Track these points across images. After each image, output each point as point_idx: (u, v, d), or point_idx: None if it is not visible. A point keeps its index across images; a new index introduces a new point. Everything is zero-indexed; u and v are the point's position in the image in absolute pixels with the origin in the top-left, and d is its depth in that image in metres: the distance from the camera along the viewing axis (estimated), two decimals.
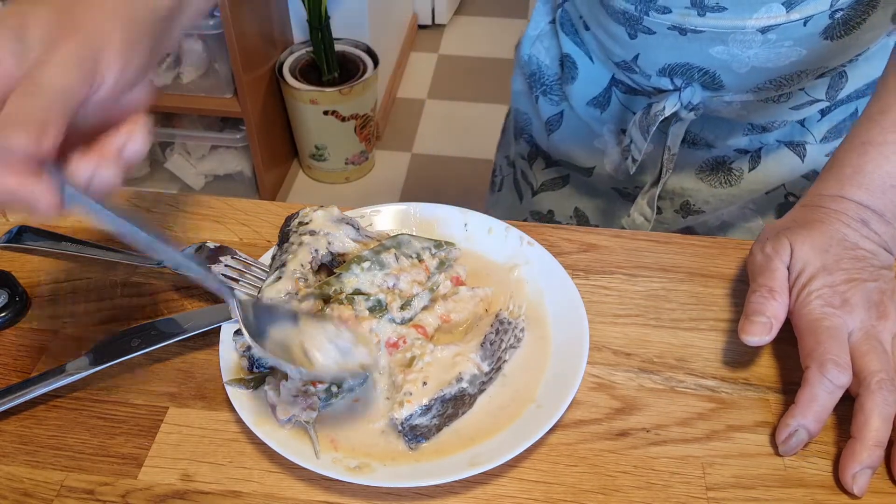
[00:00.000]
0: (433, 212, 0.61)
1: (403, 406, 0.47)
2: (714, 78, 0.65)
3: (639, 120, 0.71)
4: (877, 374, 0.47)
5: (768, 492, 0.46)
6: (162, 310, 0.57)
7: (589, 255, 0.61)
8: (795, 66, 0.62)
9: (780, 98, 0.66)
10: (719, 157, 0.75)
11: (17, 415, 0.50)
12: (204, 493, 0.46)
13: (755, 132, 0.71)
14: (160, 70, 1.89)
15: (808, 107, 0.68)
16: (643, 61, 0.68)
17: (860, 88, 0.68)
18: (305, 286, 0.53)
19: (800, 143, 0.72)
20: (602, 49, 0.73)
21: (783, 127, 0.71)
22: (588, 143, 0.81)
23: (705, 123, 0.72)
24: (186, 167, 2.12)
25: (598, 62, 0.76)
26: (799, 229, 0.54)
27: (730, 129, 0.72)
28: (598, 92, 0.77)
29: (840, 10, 0.59)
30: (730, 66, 0.63)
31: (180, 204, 0.66)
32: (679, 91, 0.68)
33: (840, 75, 0.65)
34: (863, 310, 0.49)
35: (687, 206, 0.79)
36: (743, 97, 0.67)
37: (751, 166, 0.74)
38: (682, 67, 0.66)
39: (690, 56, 0.64)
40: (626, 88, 0.75)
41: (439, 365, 0.49)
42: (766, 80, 0.64)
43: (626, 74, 0.72)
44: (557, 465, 0.48)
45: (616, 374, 0.53)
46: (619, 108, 0.77)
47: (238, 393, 0.49)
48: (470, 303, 0.54)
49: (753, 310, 0.51)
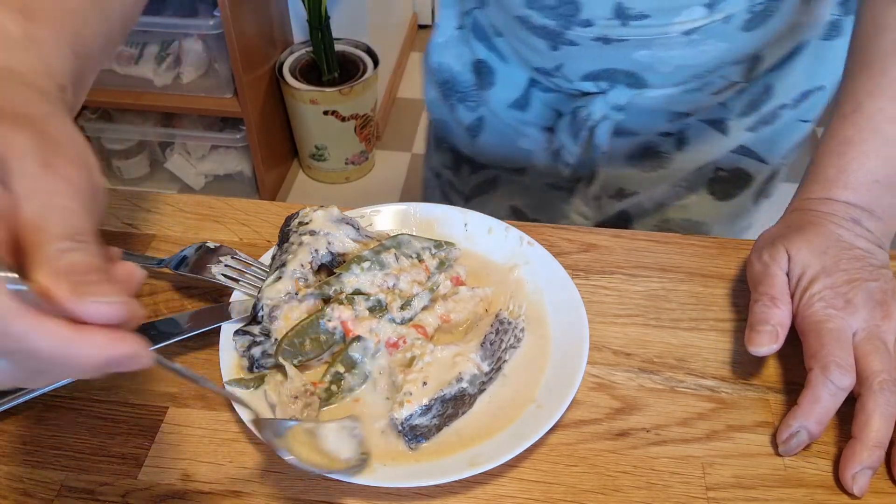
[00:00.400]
0: (433, 212, 0.62)
1: (403, 406, 0.47)
2: (638, 79, 0.65)
3: (567, 126, 0.71)
4: (879, 375, 0.46)
5: (768, 492, 0.46)
6: (162, 310, 0.57)
7: (589, 255, 0.61)
8: (717, 59, 0.63)
9: (703, 87, 0.67)
10: (646, 143, 0.75)
11: (17, 415, 0.50)
12: (204, 493, 0.46)
13: (679, 118, 0.72)
14: (160, 70, 1.89)
15: (726, 91, 0.69)
16: (566, 70, 0.68)
17: (773, 66, 0.69)
18: (305, 286, 0.53)
19: (720, 119, 0.73)
20: (519, 55, 0.72)
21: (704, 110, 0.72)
22: (514, 144, 0.81)
23: (629, 115, 0.72)
24: (186, 167, 2.12)
25: (513, 64, 0.75)
26: (793, 234, 0.54)
27: (654, 120, 0.72)
28: (518, 94, 0.77)
29: (759, 4, 0.60)
30: (654, 67, 0.64)
31: (180, 204, 0.66)
32: (604, 94, 0.68)
33: (755, 58, 0.66)
34: (866, 310, 0.49)
35: (621, 192, 0.80)
36: (667, 92, 0.67)
37: (678, 147, 0.75)
38: (606, 72, 0.66)
39: (614, 62, 0.64)
40: (547, 89, 0.75)
41: (439, 365, 0.49)
42: (690, 76, 0.65)
43: (546, 78, 0.72)
44: (557, 465, 0.48)
45: (616, 374, 0.53)
46: (542, 106, 0.77)
47: (238, 393, 0.49)
48: (470, 303, 0.54)
49: (758, 319, 0.51)
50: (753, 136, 0.75)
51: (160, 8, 1.83)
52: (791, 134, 0.78)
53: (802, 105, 0.75)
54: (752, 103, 0.72)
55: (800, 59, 0.70)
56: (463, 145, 0.86)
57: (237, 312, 0.53)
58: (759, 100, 0.71)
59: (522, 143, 0.80)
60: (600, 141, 0.71)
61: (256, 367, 0.50)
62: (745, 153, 0.77)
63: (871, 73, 0.56)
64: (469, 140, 0.84)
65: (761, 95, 0.71)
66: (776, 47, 0.66)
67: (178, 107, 1.93)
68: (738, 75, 0.67)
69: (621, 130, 0.74)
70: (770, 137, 0.77)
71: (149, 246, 0.62)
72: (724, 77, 0.66)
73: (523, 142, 0.80)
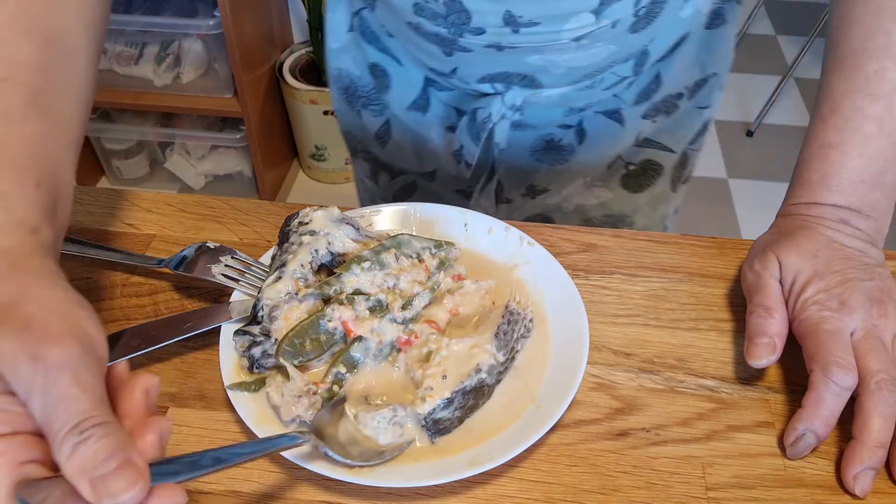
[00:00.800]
0: (433, 212, 0.62)
1: (426, 401, 0.47)
2: (533, 80, 0.67)
3: (466, 127, 0.72)
4: (877, 375, 0.46)
5: (768, 492, 0.46)
6: (162, 310, 0.57)
7: (589, 255, 0.61)
8: (607, 60, 0.64)
9: (595, 84, 0.68)
10: (546, 136, 0.76)
11: None
12: (204, 493, 0.46)
13: (574, 112, 0.73)
14: (160, 70, 1.89)
15: (618, 84, 0.70)
16: (462, 73, 0.68)
17: (659, 58, 0.70)
18: (305, 286, 0.53)
19: (615, 110, 0.74)
20: (413, 56, 0.72)
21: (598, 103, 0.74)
22: (422, 147, 0.81)
23: (526, 111, 0.73)
24: (186, 167, 2.12)
25: (408, 66, 0.75)
26: (783, 241, 0.54)
27: (550, 115, 0.73)
28: (416, 95, 0.76)
29: (643, 7, 0.61)
30: (547, 69, 0.65)
31: (180, 204, 0.66)
32: (501, 95, 0.69)
33: (643, 53, 0.67)
34: (862, 309, 0.49)
35: (532, 188, 0.80)
36: (561, 90, 0.68)
37: (578, 140, 0.76)
38: (502, 75, 0.67)
39: (508, 66, 0.65)
40: (444, 88, 0.75)
41: (456, 358, 0.49)
42: (582, 76, 0.66)
43: (443, 79, 0.72)
44: (557, 465, 0.48)
45: (616, 374, 0.53)
46: (442, 106, 0.76)
47: (239, 394, 0.49)
48: (476, 296, 0.55)
49: (755, 332, 0.51)
50: (654, 127, 0.77)
51: (160, 8, 1.83)
52: (691, 121, 0.80)
53: (699, 94, 0.76)
54: (644, 93, 0.73)
55: (685, 49, 0.71)
56: (378, 153, 0.85)
57: (237, 312, 0.53)
58: (649, 89, 0.73)
59: (429, 146, 0.80)
60: (500, 139, 0.72)
61: (256, 367, 0.50)
62: (649, 145, 0.79)
63: (843, 72, 0.56)
64: (380, 147, 0.84)
65: (651, 84, 0.72)
66: (659, 41, 0.68)
67: (178, 107, 1.93)
68: (628, 71, 0.68)
69: (520, 124, 0.74)
70: (671, 128, 0.78)
71: (149, 246, 0.62)
72: (615, 73, 0.68)
73: (429, 144, 0.80)
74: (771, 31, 2.86)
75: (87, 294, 0.58)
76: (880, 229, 0.55)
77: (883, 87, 0.54)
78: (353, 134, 0.86)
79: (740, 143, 2.36)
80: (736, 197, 2.16)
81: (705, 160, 2.28)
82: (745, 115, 2.45)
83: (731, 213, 2.12)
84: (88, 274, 0.60)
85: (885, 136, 0.54)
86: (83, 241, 0.60)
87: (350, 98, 0.82)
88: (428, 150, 0.81)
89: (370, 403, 0.49)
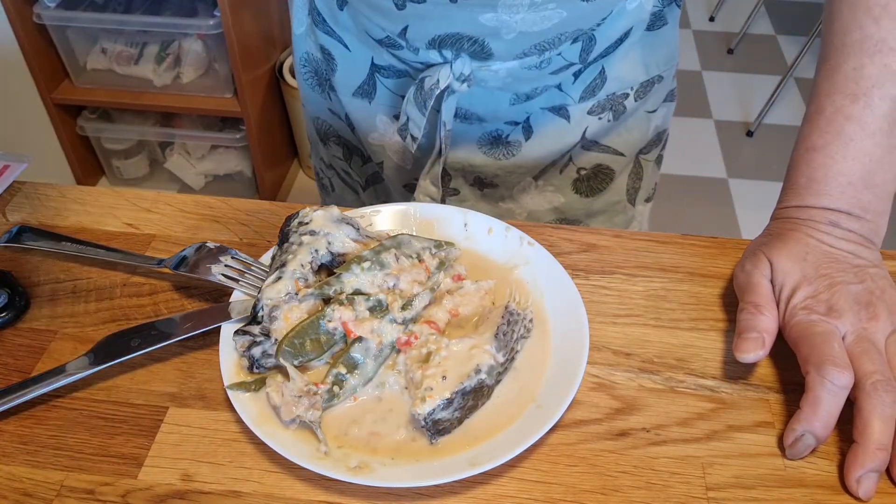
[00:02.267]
0: (433, 212, 0.62)
1: (425, 401, 0.47)
2: (483, 46, 0.65)
3: (413, 96, 0.71)
4: (871, 376, 0.46)
5: (768, 492, 0.46)
6: (162, 310, 0.57)
7: (589, 255, 0.61)
8: (557, 28, 0.64)
9: (542, 65, 0.68)
10: (494, 132, 0.76)
11: (17, 415, 0.50)
12: (204, 493, 0.46)
13: (520, 101, 0.73)
14: (160, 70, 1.89)
15: (564, 70, 0.70)
16: (412, 33, 0.66)
17: (604, 50, 0.70)
18: (305, 286, 0.53)
19: (561, 106, 0.74)
20: (361, 29, 0.71)
21: (544, 93, 0.73)
22: (365, 138, 0.81)
23: (473, 98, 0.72)
24: (186, 167, 2.12)
25: (355, 49, 0.75)
26: (774, 242, 0.54)
27: (497, 102, 0.73)
28: (362, 80, 0.76)
29: None
30: (498, 32, 0.63)
31: (180, 204, 0.66)
32: (450, 64, 0.68)
33: (590, 38, 0.67)
34: (851, 313, 0.49)
35: (479, 180, 0.80)
36: (509, 65, 0.67)
37: (525, 136, 0.76)
38: (452, 38, 0.65)
39: (460, 25, 0.64)
40: (390, 73, 0.75)
41: (456, 358, 0.49)
42: (531, 45, 0.65)
43: (390, 52, 0.71)
44: (557, 465, 0.48)
45: (616, 374, 0.53)
46: (388, 93, 0.76)
47: (239, 394, 0.49)
48: (476, 296, 0.55)
49: (744, 327, 0.51)
50: (600, 126, 0.77)
51: (160, 8, 1.83)
52: (640, 125, 0.80)
53: (645, 96, 0.77)
54: (589, 89, 0.73)
55: (627, 46, 0.72)
56: (349, 137, 0.86)
57: (237, 312, 0.53)
58: (594, 85, 0.73)
59: (372, 138, 0.80)
60: (447, 117, 0.72)
61: (256, 367, 0.50)
62: (600, 150, 0.79)
63: (826, 71, 0.56)
64: (350, 132, 0.84)
65: (597, 79, 0.73)
66: (606, 30, 0.68)
67: (178, 107, 1.93)
68: (574, 56, 0.68)
69: (468, 115, 0.74)
70: (620, 130, 0.79)
71: (149, 246, 0.62)
72: (563, 57, 0.68)
73: (373, 136, 0.80)
74: (771, 30, 2.87)
75: (86, 294, 0.58)
76: (875, 230, 0.55)
77: (861, 86, 0.54)
78: (322, 119, 0.86)
79: (740, 143, 2.36)
80: (736, 197, 2.16)
81: (705, 160, 2.28)
82: (745, 115, 2.45)
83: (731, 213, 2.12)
84: (88, 274, 0.60)
85: (868, 136, 0.54)
86: (83, 241, 0.60)
87: (320, 82, 0.82)
88: (374, 141, 0.81)
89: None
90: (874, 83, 0.54)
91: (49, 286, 0.59)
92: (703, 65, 2.67)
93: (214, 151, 2.12)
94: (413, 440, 0.48)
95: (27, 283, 0.59)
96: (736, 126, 2.42)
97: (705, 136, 2.38)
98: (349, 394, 0.50)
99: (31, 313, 0.57)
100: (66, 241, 0.60)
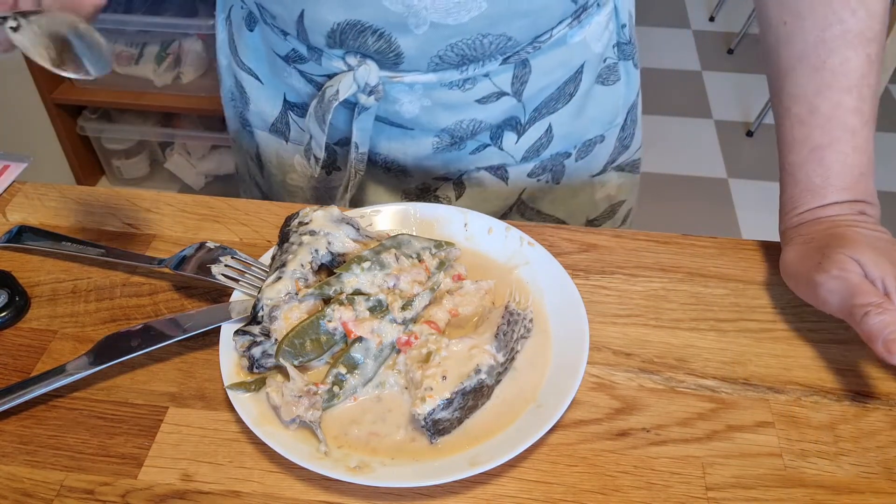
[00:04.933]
0: (433, 212, 0.62)
1: (426, 401, 0.47)
2: (390, 44, 0.59)
3: (314, 110, 0.66)
4: None
5: (768, 492, 0.46)
6: (162, 310, 0.57)
7: (589, 255, 0.61)
8: (477, 24, 0.58)
9: (465, 84, 0.63)
10: (421, 185, 0.72)
11: (17, 415, 0.50)
12: (204, 493, 0.46)
13: (444, 142, 0.67)
14: (160, 70, 1.89)
15: (494, 101, 0.65)
16: (309, 21, 0.60)
17: (548, 97, 0.66)
18: (305, 286, 0.53)
19: (500, 166, 0.70)
20: (270, 50, 0.68)
21: (480, 146, 0.68)
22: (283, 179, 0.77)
23: (392, 137, 0.68)
24: (186, 167, 2.12)
25: (267, 81, 0.71)
26: (835, 243, 0.53)
27: (418, 142, 0.68)
28: (275, 116, 0.73)
29: None
30: (406, 22, 0.57)
31: (180, 204, 0.66)
32: (353, 71, 0.62)
33: (524, 63, 0.63)
34: None
35: None
36: (425, 78, 0.62)
37: (457, 193, 0.72)
38: (354, 30, 0.59)
39: (361, 11, 0.58)
40: (303, 111, 0.70)
41: (456, 358, 0.49)
42: (447, 46, 0.59)
43: (297, 69, 0.67)
44: (557, 465, 0.48)
45: (616, 374, 0.53)
46: (303, 134, 0.72)
47: (239, 394, 0.49)
48: (476, 296, 0.55)
49: (879, 328, 0.47)
50: (538, 189, 0.73)
51: (160, 8, 1.83)
52: (583, 190, 0.76)
53: (588, 157, 0.73)
54: (534, 148, 0.70)
55: (577, 97, 0.68)
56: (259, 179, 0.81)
57: (237, 312, 0.53)
58: (540, 144, 0.70)
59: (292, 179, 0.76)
60: (358, 139, 0.66)
61: (256, 367, 0.50)
62: (542, 218, 0.75)
63: (807, 70, 0.56)
64: (259, 172, 0.80)
65: (542, 138, 0.69)
66: (543, 60, 0.64)
67: (178, 107, 1.93)
68: (505, 83, 0.63)
69: (390, 166, 0.70)
70: (565, 196, 0.75)
71: (149, 246, 0.62)
72: (490, 80, 0.63)
73: (292, 176, 0.76)
74: None
75: (86, 294, 0.58)
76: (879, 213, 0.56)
77: (851, 79, 0.55)
78: (244, 158, 0.82)
79: (740, 143, 2.36)
80: (736, 197, 2.16)
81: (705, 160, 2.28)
82: (745, 115, 2.45)
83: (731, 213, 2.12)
84: (88, 274, 0.60)
85: (866, 125, 0.55)
86: (83, 241, 0.60)
87: (241, 118, 0.78)
88: (293, 182, 0.77)
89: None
90: (862, 74, 0.55)
91: (49, 286, 0.59)
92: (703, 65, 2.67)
93: (215, 151, 2.12)
94: (413, 440, 0.48)
95: (27, 283, 0.59)
96: (736, 126, 2.42)
97: (705, 136, 2.37)
98: (349, 394, 0.50)
99: (31, 313, 0.57)
100: (66, 241, 0.60)
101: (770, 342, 0.55)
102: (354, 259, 0.53)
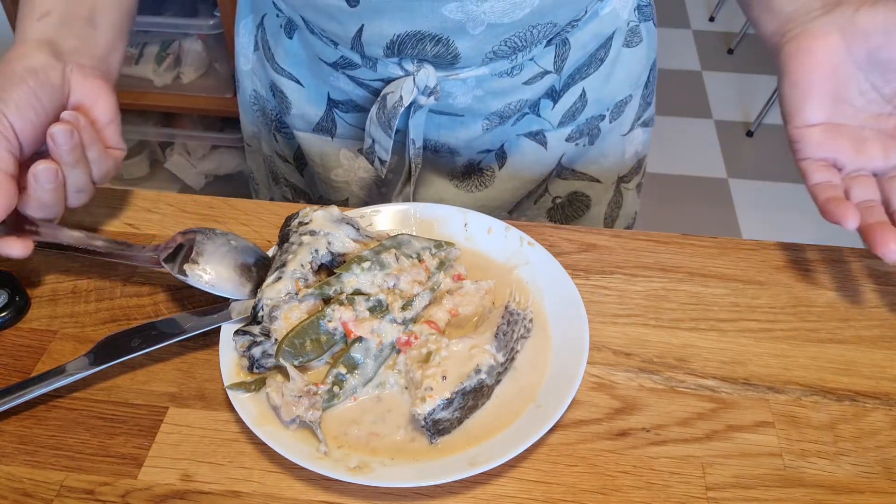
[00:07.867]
0: (433, 212, 0.62)
1: (426, 401, 0.47)
2: (448, 47, 0.60)
3: (376, 116, 0.66)
4: None
5: (768, 492, 0.46)
6: (162, 310, 0.57)
7: (589, 255, 0.61)
8: (529, 19, 0.60)
9: (514, 71, 0.64)
10: (467, 162, 0.73)
11: (17, 415, 0.50)
12: (204, 493, 0.46)
13: (493, 126, 0.69)
14: (160, 70, 1.89)
15: (539, 80, 0.67)
16: (368, 35, 0.61)
17: (581, 64, 0.69)
18: (305, 286, 0.53)
19: (538, 132, 0.72)
20: (312, 56, 0.68)
21: (520, 115, 0.70)
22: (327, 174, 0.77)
23: (443, 125, 0.69)
24: (186, 167, 2.12)
25: (308, 84, 0.71)
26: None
27: (469, 130, 0.70)
28: (320, 116, 0.73)
29: None
30: (464, 26, 0.59)
31: (180, 204, 0.66)
32: (413, 76, 0.63)
33: (563, 42, 0.65)
34: None
35: None
36: (478, 72, 0.63)
37: (500, 164, 0.74)
38: (413, 39, 0.60)
39: (421, 21, 0.59)
40: (349, 107, 0.71)
41: (456, 358, 0.49)
42: (501, 42, 0.61)
43: (346, 75, 0.67)
44: (557, 465, 0.48)
45: (616, 374, 0.53)
46: (349, 128, 0.72)
47: (239, 394, 0.49)
48: (476, 296, 0.55)
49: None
50: (576, 152, 0.75)
51: (160, 8, 1.83)
52: (616, 150, 0.78)
53: (619, 118, 0.76)
54: (570, 113, 0.72)
55: (609, 64, 0.71)
56: (296, 180, 0.82)
57: (237, 312, 0.53)
58: (576, 108, 0.72)
59: (337, 172, 0.76)
60: (415, 135, 0.68)
61: (256, 367, 0.50)
62: (577, 177, 0.77)
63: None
64: (298, 174, 0.81)
65: (577, 103, 0.71)
66: (580, 35, 0.66)
67: (178, 107, 1.93)
68: (548, 62, 0.65)
69: (438, 148, 0.71)
70: (596, 156, 0.77)
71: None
72: (535, 62, 0.65)
73: (337, 171, 0.76)
74: None
75: (87, 294, 0.58)
76: None
77: None
78: (273, 160, 0.83)
79: (740, 143, 2.36)
80: (736, 197, 2.16)
81: (705, 160, 2.28)
82: (745, 115, 2.45)
83: (731, 213, 2.12)
84: (88, 274, 0.60)
85: None
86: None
87: (267, 122, 0.79)
88: (338, 178, 0.77)
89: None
90: None
91: (49, 286, 0.59)
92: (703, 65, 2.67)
93: (215, 151, 2.12)
94: (413, 440, 0.48)
95: (27, 283, 0.59)
96: (736, 126, 2.42)
97: (705, 136, 2.37)
98: (349, 394, 0.50)
99: (31, 313, 0.57)
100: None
101: (770, 342, 0.55)
102: (354, 259, 0.53)
